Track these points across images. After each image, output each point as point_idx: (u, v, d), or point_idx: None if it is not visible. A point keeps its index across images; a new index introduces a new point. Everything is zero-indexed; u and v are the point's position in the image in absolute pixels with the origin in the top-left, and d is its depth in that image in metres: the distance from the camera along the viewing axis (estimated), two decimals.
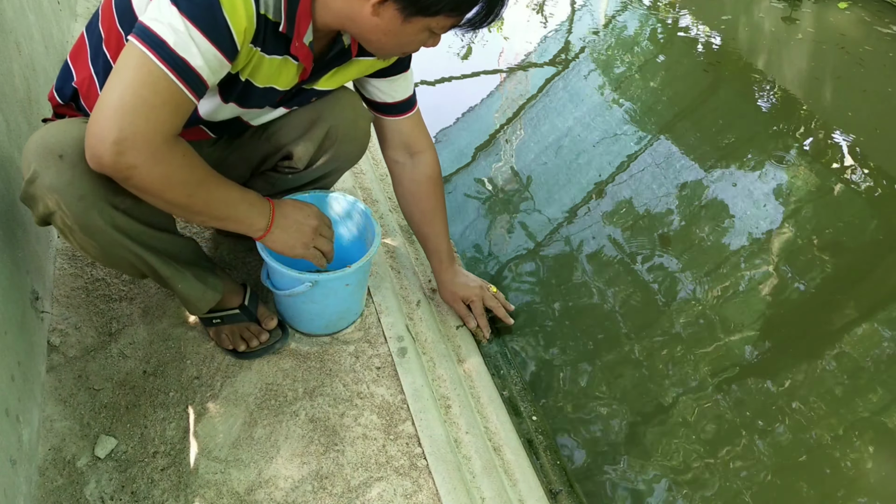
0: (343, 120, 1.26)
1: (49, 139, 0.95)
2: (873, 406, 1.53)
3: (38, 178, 0.94)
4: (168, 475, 1.13)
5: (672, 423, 1.48)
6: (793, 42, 3.24)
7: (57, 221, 0.99)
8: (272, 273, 1.29)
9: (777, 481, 1.37)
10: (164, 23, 0.85)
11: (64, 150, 0.94)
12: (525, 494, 1.22)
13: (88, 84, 1.08)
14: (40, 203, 0.97)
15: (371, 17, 0.93)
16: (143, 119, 0.84)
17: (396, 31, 0.95)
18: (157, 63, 0.85)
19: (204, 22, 0.85)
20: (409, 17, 0.93)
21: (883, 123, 2.66)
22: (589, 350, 1.64)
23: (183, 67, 0.86)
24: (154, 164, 0.87)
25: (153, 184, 0.90)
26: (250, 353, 1.33)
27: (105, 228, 1.00)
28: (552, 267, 1.89)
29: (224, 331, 1.32)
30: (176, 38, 0.85)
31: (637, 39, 3.30)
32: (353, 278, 1.29)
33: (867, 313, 1.78)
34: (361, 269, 1.27)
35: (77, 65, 1.10)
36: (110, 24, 1.02)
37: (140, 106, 0.84)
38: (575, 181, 2.26)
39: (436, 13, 0.93)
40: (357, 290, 1.36)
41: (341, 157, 1.32)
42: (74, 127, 0.96)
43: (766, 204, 2.15)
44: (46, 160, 0.93)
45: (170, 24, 0.85)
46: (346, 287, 1.30)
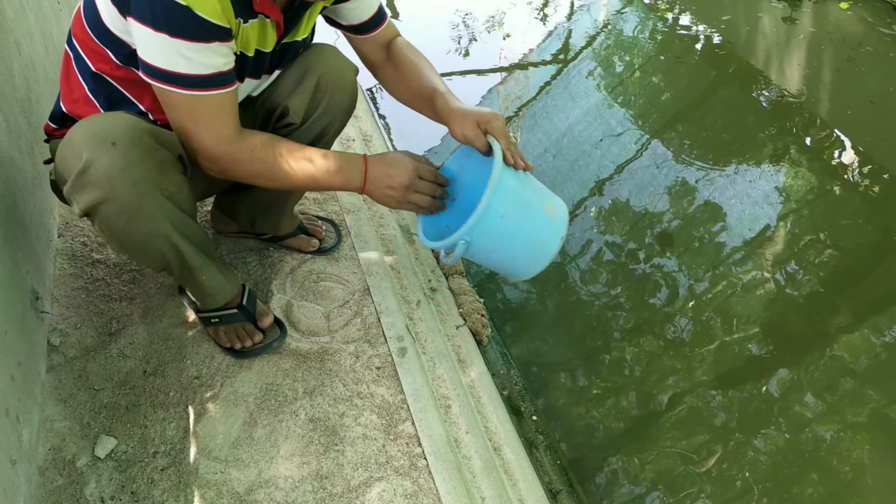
0: (330, 68, 1.28)
1: (98, 129, 0.98)
2: (873, 404, 1.53)
3: (92, 166, 0.96)
4: (168, 475, 1.13)
5: (672, 422, 1.48)
6: (793, 42, 3.24)
7: (104, 211, 1.00)
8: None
9: (777, 479, 1.37)
10: (164, 53, 0.94)
11: (116, 137, 0.97)
12: (525, 494, 1.22)
13: (85, 100, 1.10)
14: (90, 192, 0.98)
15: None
16: (200, 137, 1.03)
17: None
18: (184, 93, 0.98)
19: (191, 32, 0.92)
20: None
21: (883, 123, 2.66)
22: (589, 350, 1.64)
23: (203, 80, 0.97)
24: (230, 165, 1.07)
25: (245, 179, 1.11)
26: (247, 351, 1.33)
27: (153, 214, 1.04)
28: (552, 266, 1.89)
29: (221, 330, 1.33)
30: (181, 62, 0.94)
31: (637, 39, 3.30)
32: (497, 210, 1.11)
33: (867, 313, 1.78)
34: (498, 198, 1.10)
35: (68, 84, 1.11)
36: (83, 31, 1.04)
37: (192, 130, 1.03)
38: (575, 180, 2.26)
39: None
40: (523, 215, 1.15)
41: (334, 107, 1.32)
42: (120, 116, 1.01)
43: (765, 204, 2.15)
44: (99, 148, 0.96)
45: (166, 52, 0.93)
46: (501, 219, 1.12)
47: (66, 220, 1.52)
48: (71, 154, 0.98)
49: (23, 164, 1.28)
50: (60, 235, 1.49)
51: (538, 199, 1.19)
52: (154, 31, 0.92)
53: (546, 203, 1.20)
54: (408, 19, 3.44)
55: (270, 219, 1.49)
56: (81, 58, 1.07)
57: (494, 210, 1.10)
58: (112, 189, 0.98)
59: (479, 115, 1.18)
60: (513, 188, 1.13)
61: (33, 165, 1.36)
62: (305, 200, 1.75)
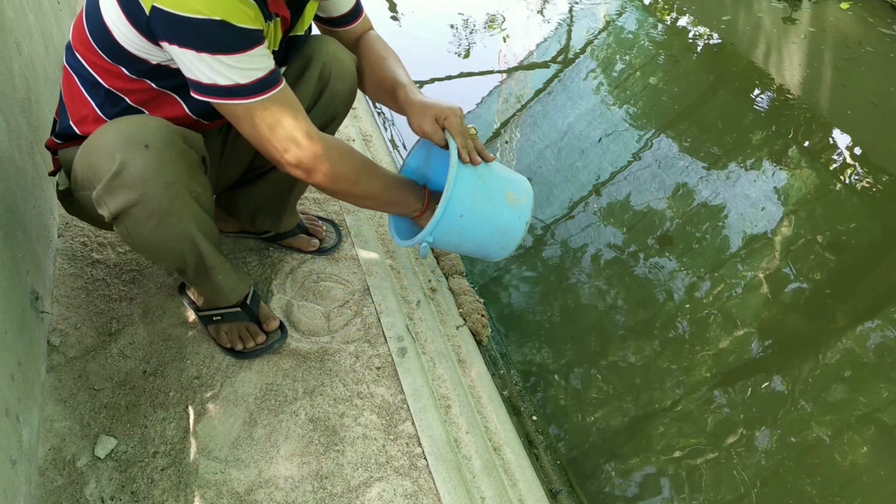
0: (332, 58, 1.28)
1: (130, 131, 0.99)
2: (873, 404, 1.53)
3: (126, 169, 0.97)
4: (168, 475, 1.13)
5: (672, 422, 1.48)
6: (793, 42, 3.24)
7: (135, 213, 1.01)
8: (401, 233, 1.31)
9: (778, 479, 1.37)
10: (213, 70, 0.94)
11: (149, 139, 0.98)
12: (525, 494, 1.22)
13: (94, 119, 1.09)
14: (123, 195, 0.99)
15: None
16: (278, 139, 1.02)
17: None
18: (248, 102, 0.99)
19: (233, 45, 0.94)
20: None
21: (883, 124, 2.66)
22: (589, 350, 1.64)
23: (260, 84, 0.98)
24: (316, 163, 1.06)
25: (328, 180, 1.09)
26: (248, 352, 1.33)
27: (182, 216, 1.05)
28: (552, 266, 1.89)
29: (223, 328, 1.33)
30: (233, 74, 0.96)
31: (637, 39, 3.30)
32: (456, 210, 1.14)
33: (867, 312, 1.78)
34: (455, 199, 1.13)
35: (74, 103, 1.10)
36: (90, 50, 1.02)
37: (268, 135, 1.02)
38: (575, 181, 2.26)
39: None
40: (483, 209, 1.18)
41: (336, 98, 1.33)
42: (150, 119, 1.03)
43: (765, 204, 2.15)
44: (132, 151, 0.97)
45: (215, 68, 0.94)
46: (461, 218, 1.16)
47: (66, 220, 1.52)
48: (102, 157, 0.98)
49: (23, 164, 1.28)
50: (60, 235, 1.49)
51: (499, 190, 1.21)
52: (196, 53, 0.92)
53: (507, 192, 1.22)
54: (408, 20, 3.44)
55: (272, 215, 1.49)
56: (90, 76, 1.05)
57: (453, 211, 1.14)
58: (146, 191, 0.99)
59: (437, 111, 1.18)
60: (471, 186, 1.16)
61: (33, 165, 1.36)
62: (305, 200, 1.75)
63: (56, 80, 1.72)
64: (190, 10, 0.89)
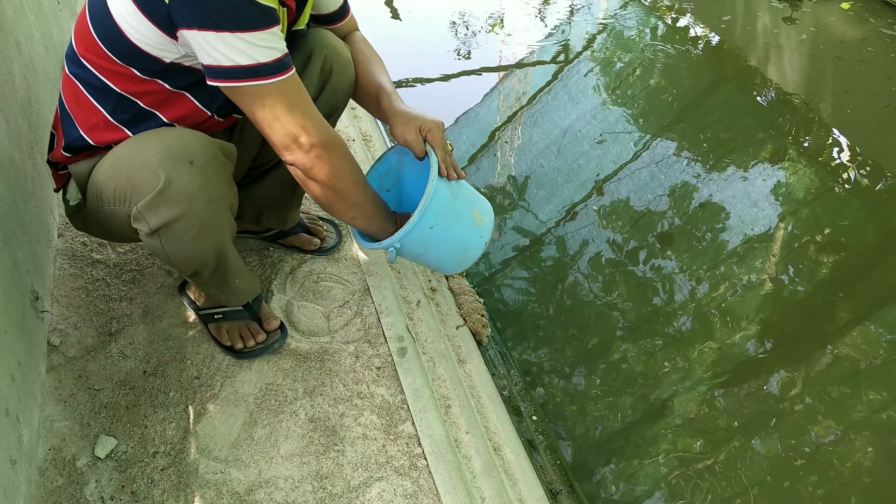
0: (332, 49, 1.28)
1: (174, 147, 0.99)
2: (872, 405, 1.53)
3: (172, 185, 0.98)
4: (168, 475, 1.13)
5: (672, 422, 1.48)
6: (793, 42, 3.24)
7: (177, 227, 1.02)
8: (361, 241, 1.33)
9: (777, 479, 1.37)
10: (234, 49, 0.92)
11: (193, 155, 0.99)
12: (525, 494, 1.22)
13: (106, 125, 1.07)
14: (167, 210, 0.99)
15: None
16: (297, 121, 1.00)
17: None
18: (270, 82, 0.96)
19: (254, 21, 0.92)
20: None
21: (884, 124, 2.66)
22: (589, 349, 1.64)
23: (280, 64, 0.96)
24: (328, 151, 1.05)
25: (332, 174, 1.07)
26: (248, 352, 1.33)
27: (220, 227, 1.07)
28: (552, 266, 1.89)
29: (224, 327, 1.33)
30: (256, 52, 0.93)
31: (637, 39, 3.30)
32: (428, 221, 1.20)
33: (866, 313, 1.78)
34: (430, 211, 1.19)
35: (82, 112, 1.08)
36: (98, 54, 1.01)
37: (287, 117, 1.00)
38: (574, 180, 2.26)
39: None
40: (452, 224, 1.24)
41: (338, 90, 1.33)
42: (190, 134, 1.03)
43: (765, 204, 2.15)
44: (178, 167, 0.98)
45: (236, 47, 0.92)
46: (431, 229, 1.22)
47: (66, 220, 1.52)
48: (144, 173, 0.98)
49: (23, 164, 1.28)
50: (60, 235, 1.49)
51: (468, 207, 1.28)
52: (217, 33, 0.91)
53: (474, 211, 1.29)
54: (408, 20, 3.44)
55: (276, 212, 1.49)
56: (98, 81, 1.04)
57: (426, 221, 1.20)
58: (190, 207, 1.00)
59: (420, 122, 1.22)
60: (444, 200, 1.21)
61: (33, 165, 1.36)
62: (306, 200, 1.75)
63: (56, 80, 1.72)
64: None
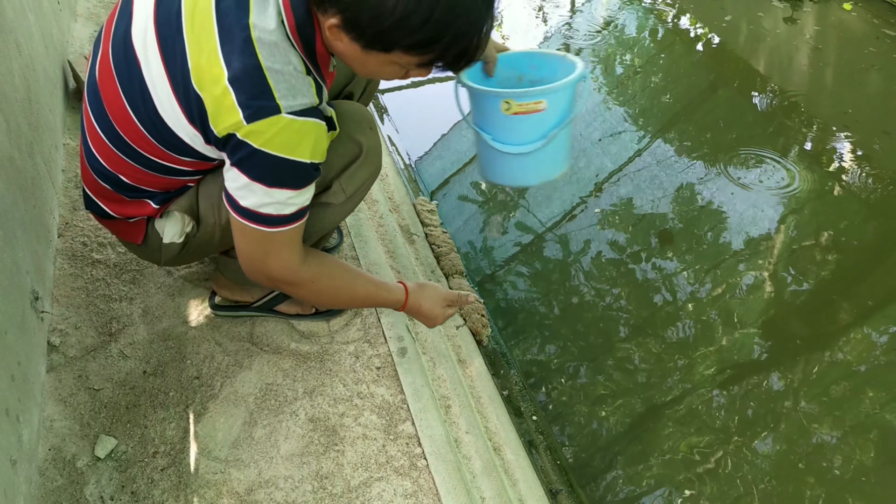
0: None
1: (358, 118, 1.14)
2: (877, 404, 1.53)
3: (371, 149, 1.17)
4: (168, 475, 1.13)
5: (673, 422, 1.48)
6: (794, 42, 3.24)
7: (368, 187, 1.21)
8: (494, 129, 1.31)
9: (778, 480, 1.37)
10: (256, 197, 0.93)
11: (371, 122, 1.18)
12: (525, 494, 1.22)
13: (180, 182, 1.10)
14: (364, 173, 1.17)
15: (333, 41, 0.91)
16: (268, 265, 1.02)
17: (361, 59, 0.91)
18: (262, 230, 0.97)
19: (300, 180, 0.94)
20: (366, 47, 0.88)
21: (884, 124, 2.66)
22: (589, 350, 1.64)
23: (284, 219, 0.97)
24: (293, 288, 1.08)
25: (306, 298, 1.13)
26: (335, 309, 1.43)
27: None
28: (552, 266, 1.89)
29: None
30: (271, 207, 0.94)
31: (637, 39, 3.30)
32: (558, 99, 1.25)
33: (867, 313, 1.78)
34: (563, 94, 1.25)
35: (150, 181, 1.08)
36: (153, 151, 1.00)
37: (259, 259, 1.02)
38: (574, 181, 2.25)
39: (389, 49, 0.88)
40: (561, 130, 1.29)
41: None
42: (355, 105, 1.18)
43: (765, 204, 2.15)
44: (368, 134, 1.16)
45: (259, 197, 0.93)
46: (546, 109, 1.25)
47: (66, 220, 1.52)
48: (346, 145, 1.10)
49: (23, 164, 1.28)
50: (60, 235, 1.49)
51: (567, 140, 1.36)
52: (249, 180, 0.91)
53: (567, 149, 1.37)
54: None
55: None
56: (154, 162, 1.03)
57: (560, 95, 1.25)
58: (378, 164, 1.19)
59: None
60: (567, 104, 1.28)
61: (33, 165, 1.36)
62: None
63: (56, 80, 1.73)
64: (277, 151, 0.89)
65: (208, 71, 0.87)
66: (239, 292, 1.38)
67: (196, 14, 0.88)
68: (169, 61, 0.90)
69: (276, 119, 0.87)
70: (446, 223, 2.02)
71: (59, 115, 1.69)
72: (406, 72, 0.95)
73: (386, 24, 0.83)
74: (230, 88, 0.86)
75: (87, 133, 1.06)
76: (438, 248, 1.82)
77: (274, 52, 0.86)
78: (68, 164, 1.66)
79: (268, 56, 0.86)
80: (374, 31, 0.85)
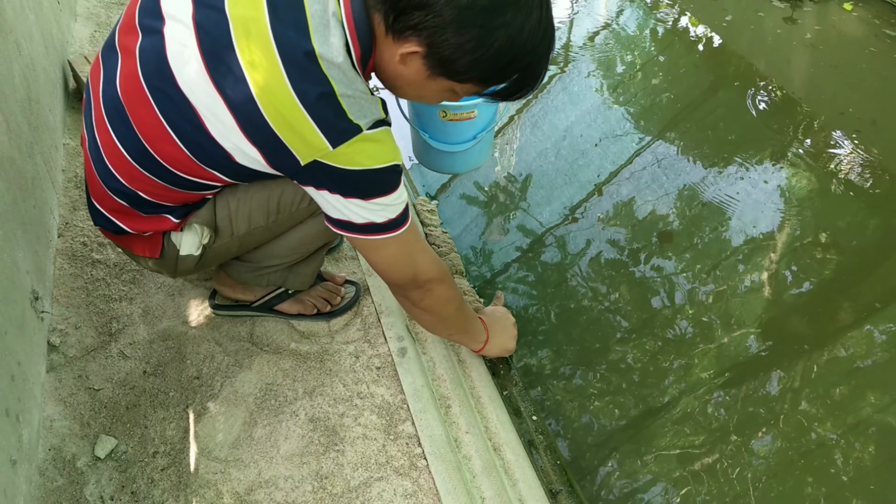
0: None
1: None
2: (874, 405, 1.53)
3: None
4: (168, 475, 1.13)
5: (672, 422, 1.48)
6: (794, 42, 3.24)
7: None
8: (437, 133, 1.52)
9: (778, 481, 1.37)
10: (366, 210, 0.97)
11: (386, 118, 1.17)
12: (525, 494, 1.22)
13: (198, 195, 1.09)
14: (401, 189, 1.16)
15: (398, 65, 0.92)
16: (419, 266, 1.08)
17: (420, 84, 0.96)
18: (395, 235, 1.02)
19: (392, 184, 0.97)
20: (434, 75, 0.92)
21: (884, 124, 2.66)
22: (589, 350, 1.64)
23: (404, 215, 1.01)
24: (443, 288, 1.14)
25: (443, 310, 1.18)
26: (337, 310, 1.44)
27: None
28: (552, 267, 1.89)
29: (305, 297, 1.42)
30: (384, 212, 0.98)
31: (637, 39, 3.30)
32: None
33: (868, 313, 1.78)
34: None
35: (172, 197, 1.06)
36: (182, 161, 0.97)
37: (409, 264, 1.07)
38: (575, 181, 2.25)
39: (463, 80, 0.93)
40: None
41: None
42: None
43: (766, 204, 2.15)
44: None
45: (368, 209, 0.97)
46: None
47: (66, 220, 1.52)
48: None
49: (23, 164, 1.28)
50: (60, 235, 1.49)
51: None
52: (360, 200, 0.95)
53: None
54: None
55: None
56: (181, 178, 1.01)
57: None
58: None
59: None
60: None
61: (33, 165, 1.36)
62: None
63: (56, 80, 1.73)
64: (365, 165, 0.92)
65: (279, 102, 0.85)
66: (241, 291, 1.38)
67: (251, 36, 0.84)
68: (226, 88, 0.86)
69: (359, 137, 0.89)
70: (446, 224, 2.02)
71: (59, 115, 1.69)
72: (452, 96, 1.00)
73: (474, 57, 0.88)
74: (309, 119, 0.86)
75: (102, 149, 1.01)
76: (438, 248, 1.82)
77: (344, 80, 0.87)
78: (68, 164, 1.66)
79: (339, 84, 0.87)
80: (457, 62, 0.89)
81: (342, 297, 1.47)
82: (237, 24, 0.85)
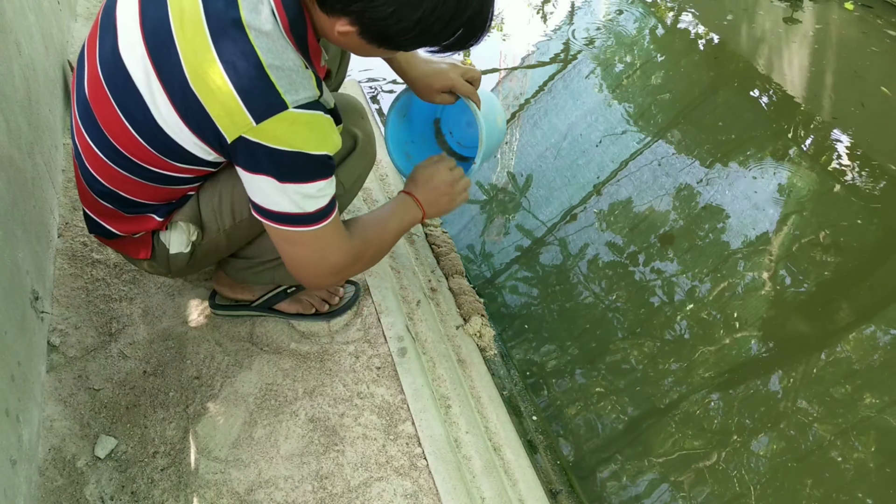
0: None
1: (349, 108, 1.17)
2: (874, 405, 1.53)
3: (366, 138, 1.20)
4: (168, 475, 1.13)
5: (672, 422, 1.48)
6: (794, 42, 3.24)
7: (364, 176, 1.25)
8: None
9: (777, 480, 1.37)
10: (289, 199, 0.93)
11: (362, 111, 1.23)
12: (525, 494, 1.22)
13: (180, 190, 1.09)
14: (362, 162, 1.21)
15: (340, 38, 0.91)
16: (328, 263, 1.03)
17: (368, 52, 0.95)
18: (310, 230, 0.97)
19: (327, 170, 0.94)
20: (376, 46, 0.91)
21: (885, 124, 2.66)
22: (589, 350, 1.64)
23: (326, 210, 0.97)
24: (352, 267, 1.08)
25: (362, 270, 1.16)
26: (336, 310, 1.43)
27: None
28: (552, 267, 1.89)
29: (303, 296, 1.41)
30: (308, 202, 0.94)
31: (637, 39, 3.30)
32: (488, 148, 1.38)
33: (868, 313, 1.78)
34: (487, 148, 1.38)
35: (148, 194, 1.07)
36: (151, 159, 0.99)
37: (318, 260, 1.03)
38: (575, 181, 2.25)
39: (407, 49, 0.92)
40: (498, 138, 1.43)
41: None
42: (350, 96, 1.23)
43: (766, 204, 2.15)
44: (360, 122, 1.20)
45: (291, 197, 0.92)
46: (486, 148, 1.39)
47: (66, 220, 1.52)
48: (343, 136, 1.07)
49: (23, 164, 1.28)
50: (60, 235, 1.49)
51: (498, 120, 1.43)
52: (278, 182, 0.90)
53: (498, 118, 1.43)
54: None
55: None
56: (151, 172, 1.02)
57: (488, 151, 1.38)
58: (372, 149, 1.21)
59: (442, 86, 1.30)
60: (490, 132, 1.36)
61: (33, 165, 1.36)
62: None
63: (56, 79, 1.73)
64: (292, 146, 0.88)
65: (207, 76, 0.86)
66: (240, 290, 1.38)
67: (185, 18, 0.86)
68: (163, 71, 0.88)
69: (285, 115, 0.86)
70: (446, 224, 2.02)
71: (59, 115, 1.69)
72: None
73: (407, 28, 0.86)
74: (234, 91, 0.85)
75: (82, 153, 1.03)
76: (438, 247, 1.82)
77: (272, 49, 0.86)
78: (68, 164, 1.66)
79: (266, 53, 0.86)
80: (394, 36, 0.87)
81: (341, 297, 1.47)
82: (174, 4, 0.87)
